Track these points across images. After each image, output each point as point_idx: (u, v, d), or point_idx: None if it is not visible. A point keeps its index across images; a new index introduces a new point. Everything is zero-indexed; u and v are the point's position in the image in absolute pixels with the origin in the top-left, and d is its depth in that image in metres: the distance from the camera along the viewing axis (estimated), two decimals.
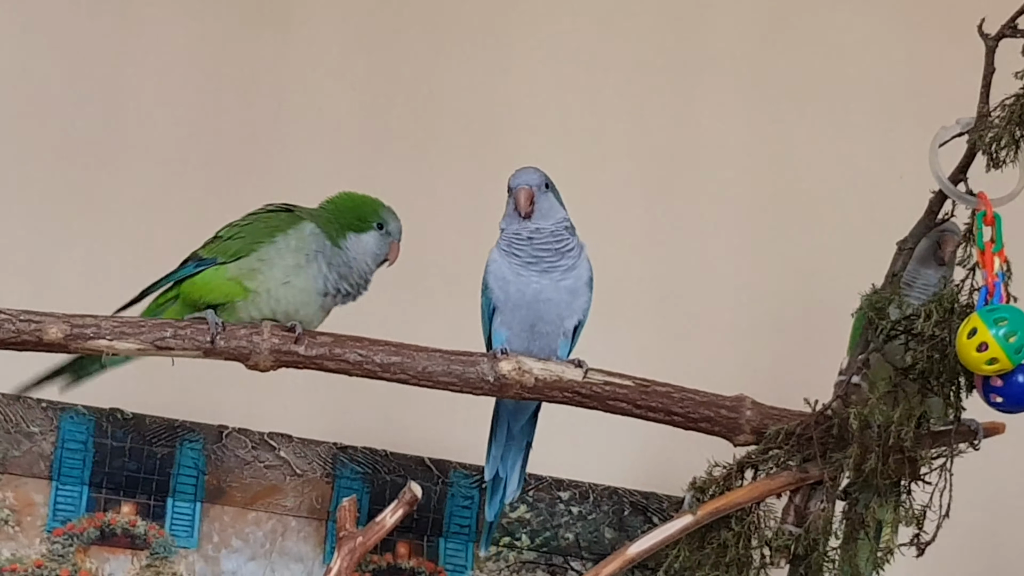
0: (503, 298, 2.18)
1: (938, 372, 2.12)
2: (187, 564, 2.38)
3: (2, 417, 2.37)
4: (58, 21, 2.77)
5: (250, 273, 2.11)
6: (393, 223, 2.21)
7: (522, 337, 2.18)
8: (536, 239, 2.17)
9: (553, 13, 2.98)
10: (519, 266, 2.17)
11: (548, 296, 2.17)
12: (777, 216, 2.87)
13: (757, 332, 2.72)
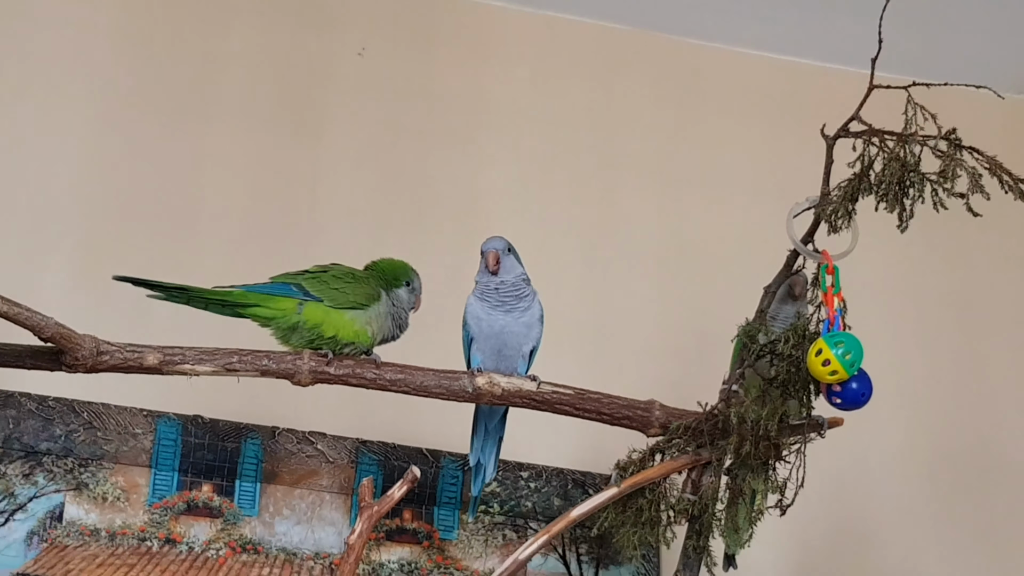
0: (478, 331, 2.20)
1: (794, 382, 2.12)
2: (250, 528, 2.43)
3: (115, 423, 2.42)
4: (152, 138, 2.77)
5: (369, 324, 2.13)
6: (417, 281, 2.23)
7: (492, 359, 2.20)
8: (501, 289, 2.21)
9: (515, 126, 3.00)
10: (489, 308, 2.20)
11: (511, 329, 2.19)
12: (679, 270, 2.89)
13: (664, 355, 2.73)
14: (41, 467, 2.37)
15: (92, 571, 2.31)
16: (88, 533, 2.35)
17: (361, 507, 1.88)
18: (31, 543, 2.31)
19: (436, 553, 2.50)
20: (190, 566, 2.37)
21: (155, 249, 2.68)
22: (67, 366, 2.02)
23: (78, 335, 2.00)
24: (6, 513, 2.31)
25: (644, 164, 3.02)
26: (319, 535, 2.46)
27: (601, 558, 2.54)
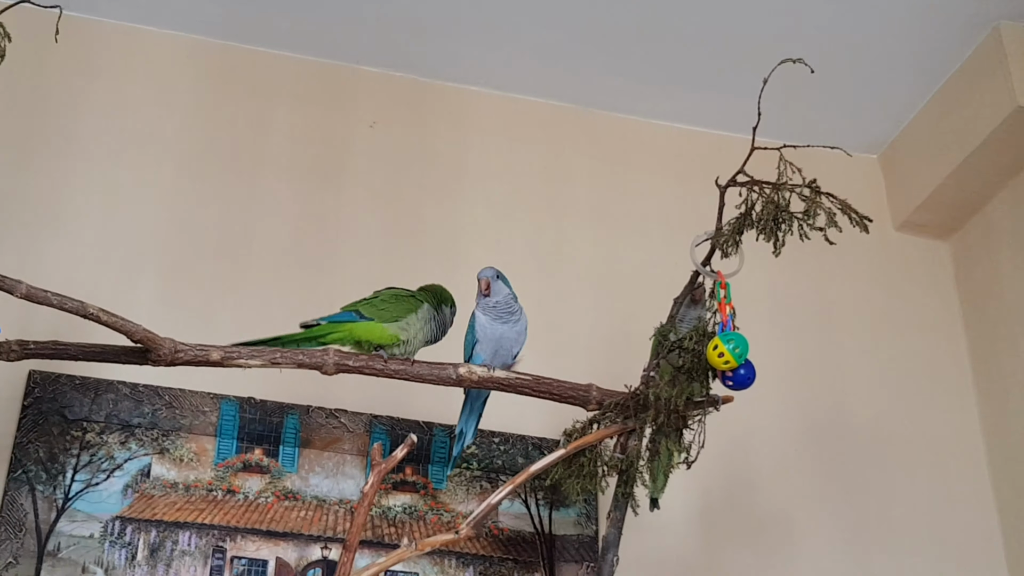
0: (483, 336, 2.22)
1: (697, 369, 2.12)
2: (291, 481, 2.44)
3: (188, 403, 2.44)
4: (216, 188, 2.78)
5: (403, 330, 2.14)
6: (455, 306, 2.26)
7: (490, 356, 2.22)
8: (498, 307, 2.24)
9: (489, 182, 2.99)
10: (492, 319, 2.22)
11: (507, 336, 2.21)
12: (611, 288, 2.89)
13: (600, 350, 2.73)
14: (134, 437, 2.38)
15: (172, 514, 2.33)
16: (169, 486, 2.36)
17: (373, 465, 1.89)
18: (126, 494, 2.33)
19: (430, 499, 2.50)
20: (245, 510, 2.38)
21: (217, 273, 2.68)
22: (152, 361, 2.04)
23: (160, 338, 2.02)
24: (107, 471, 2.33)
25: (585, 210, 3.02)
26: (342, 486, 2.46)
27: (554, 502, 2.55)
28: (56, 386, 2.38)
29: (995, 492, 2.90)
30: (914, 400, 2.98)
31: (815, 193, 2.12)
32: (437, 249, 2.85)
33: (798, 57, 2.08)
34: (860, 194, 2.30)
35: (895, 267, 3.13)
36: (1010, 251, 2.98)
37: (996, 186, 3.01)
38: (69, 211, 2.63)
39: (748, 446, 2.77)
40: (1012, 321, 2.93)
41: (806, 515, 2.75)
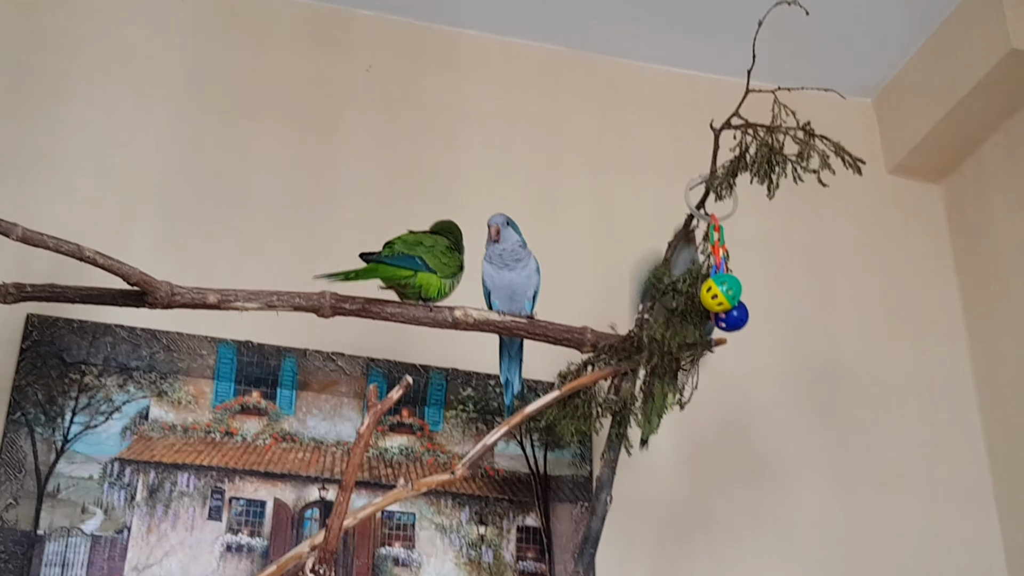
0: (492, 285, 2.22)
1: (691, 312, 2.12)
2: (288, 423, 2.43)
3: (186, 346, 2.42)
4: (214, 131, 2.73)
5: (451, 287, 2.16)
6: None
7: (507, 303, 2.22)
8: (504, 254, 2.23)
9: (485, 125, 2.95)
10: (497, 268, 2.21)
11: (516, 281, 2.21)
12: (605, 231, 2.86)
13: (594, 293, 2.68)
14: (132, 379, 2.36)
15: (171, 456, 2.32)
16: (167, 428, 2.35)
17: (368, 406, 1.87)
18: (125, 435, 2.31)
19: (427, 441, 2.49)
20: (244, 451, 2.37)
21: (214, 217, 2.64)
22: (149, 304, 2.03)
23: (157, 281, 2.01)
24: (106, 413, 2.31)
25: (580, 153, 2.98)
26: (339, 428, 2.45)
27: (549, 443, 2.54)
28: (54, 329, 2.35)
29: (984, 431, 2.90)
30: (905, 341, 2.97)
31: (809, 136, 2.10)
32: (433, 192, 2.81)
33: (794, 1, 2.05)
34: (854, 137, 2.28)
35: (888, 210, 3.11)
36: (1002, 194, 2.96)
37: (989, 129, 2.99)
38: (66, 155, 2.59)
39: (741, 388, 2.75)
40: (1003, 263, 2.92)
41: (798, 456, 2.75)
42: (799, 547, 2.65)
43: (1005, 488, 2.80)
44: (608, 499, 2.11)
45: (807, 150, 2.08)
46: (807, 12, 2.05)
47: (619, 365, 2.16)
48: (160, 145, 2.67)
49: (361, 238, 2.43)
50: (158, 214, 2.60)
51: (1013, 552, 2.74)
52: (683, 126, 2.99)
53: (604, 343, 2.19)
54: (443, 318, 2.15)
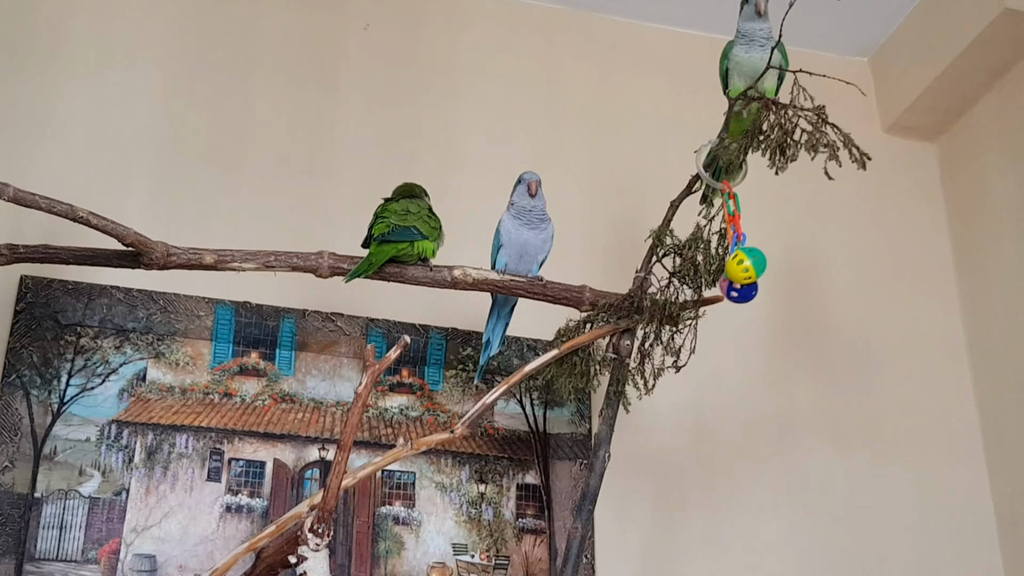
0: (507, 240, 2.18)
1: (692, 275, 2.12)
2: (288, 384, 2.37)
3: (183, 307, 2.35)
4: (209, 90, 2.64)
5: (440, 245, 2.13)
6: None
7: (515, 262, 2.18)
8: (534, 211, 2.19)
9: (483, 82, 2.87)
10: (519, 225, 2.17)
11: (532, 242, 2.18)
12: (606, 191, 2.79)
13: (593, 251, 2.66)
14: (129, 341, 2.30)
15: (168, 418, 2.27)
16: (165, 389, 2.29)
17: (366, 366, 1.82)
18: (122, 398, 2.26)
19: (427, 400, 2.45)
20: (243, 412, 2.32)
21: (209, 178, 2.57)
22: (145, 265, 1.99)
23: (152, 241, 1.97)
24: (102, 375, 2.26)
25: (579, 113, 2.92)
26: (339, 388, 2.40)
27: (548, 402, 2.50)
28: (48, 291, 2.29)
29: (975, 389, 2.88)
30: (899, 298, 2.94)
31: (822, 122, 2.07)
32: (432, 151, 2.75)
33: None
34: (850, 96, 2.22)
35: (883, 169, 3.03)
36: (996, 153, 2.93)
37: (983, 88, 2.96)
38: (59, 115, 2.52)
39: (736, 345, 2.72)
40: (996, 222, 2.89)
41: (792, 411, 2.72)
42: (795, 502, 2.63)
43: (995, 442, 2.78)
44: (606, 456, 2.10)
45: (818, 138, 2.05)
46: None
47: (618, 323, 2.14)
48: (154, 104, 2.60)
49: (359, 197, 2.40)
50: (153, 174, 2.53)
51: (1001, 504, 2.74)
52: (682, 85, 2.94)
53: (604, 302, 2.16)
54: (442, 277, 2.12)
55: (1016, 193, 2.82)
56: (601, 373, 2.15)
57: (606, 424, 2.10)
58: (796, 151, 2.06)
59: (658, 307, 2.12)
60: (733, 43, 2.15)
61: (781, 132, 2.06)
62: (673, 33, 3.07)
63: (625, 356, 2.12)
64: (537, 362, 2.09)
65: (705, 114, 2.10)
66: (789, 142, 2.06)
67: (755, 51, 2.12)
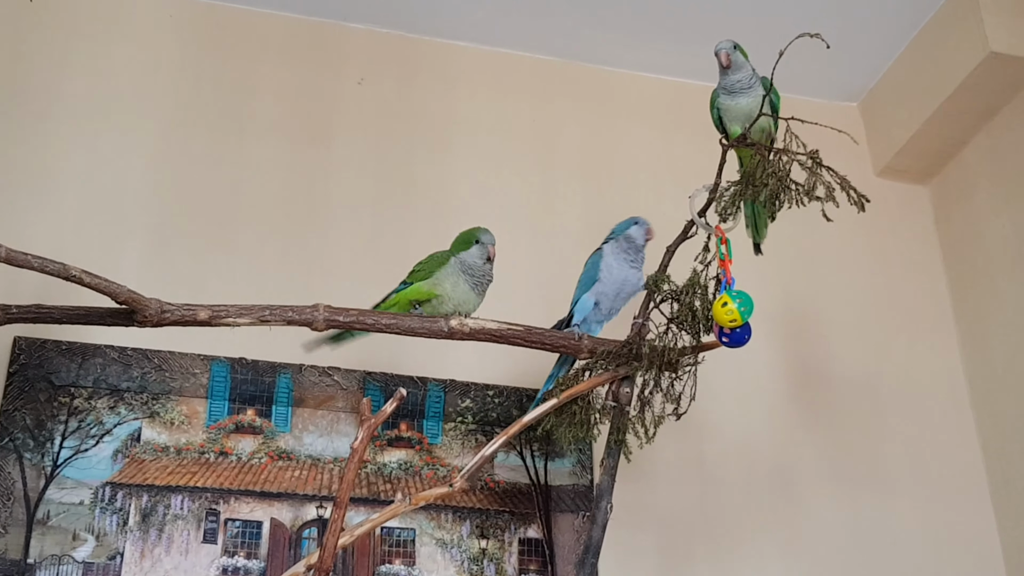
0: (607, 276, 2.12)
1: (690, 321, 2.07)
2: (284, 441, 2.32)
3: (178, 365, 2.31)
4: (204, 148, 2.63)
5: (437, 284, 2.06)
6: (486, 236, 2.10)
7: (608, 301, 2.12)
8: (641, 251, 2.16)
9: (478, 136, 2.86)
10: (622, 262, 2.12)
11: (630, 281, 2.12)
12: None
13: None
14: (123, 401, 2.26)
15: (163, 478, 2.22)
16: (160, 449, 2.24)
17: (361, 420, 1.77)
18: (116, 459, 2.20)
19: (425, 454, 2.39)
20: (239, 471, 2.27)
21: (204, 234, 2.54)
22: (138, 323, 1.94)
23: (146, 298, 1.92)
24: (96, 436, 2.21)
25: (573, 162, 2.90)
26: (336, 444, 2.34)
27: (549, 453, 2.45)
28: (42, 352, 2.25)
29: (978, 429, 2.83)
30: (898, 341, 2.91)
31: (817, 165, 2.05)
32: (428, 205, 2.73)
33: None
34: (842, 140, 2.21)
35: (877, 212, 2.94)
36: (988, 194, 2.92)
37: (972, 130, 2.96)
38: (53, 174, 2.50)
39: (738, 393, 2.68)
40: (991, 262, 2.87)
41: (795, 458, 2.67)
42: (801, 551, 2.57)
43: (1001, 485, 2.74)
44: (608, 507, 2.04)
45: (813, 182, 2.03)
46: (828, 45, 2.00)
47: (617, 371, 2.09)
48: (149, 161, 2.58)
49: (354, 251, 2.36)
50: (147, 231, 2.50)
51: (1011, 548, 2.68)
52: (674, 132, 2.94)
53: (603, 349, 2.12)
54: (439, 328, 2.05)
55: (1010, 233, 2.81)
56: (601, 422, 2.10)
57: (607, 474, 2.04)
58: (792, 197, 2.03)
59: (657, 353, 2.07)
60: (717, 93, 2.14)
61: (776, 179, 2.03)
62: (663, 81, 3.07)
63: (625, 404, 2.07)
64: (536, 412, 2.03)
65: (697, 160, 2.08)
66: (785, 188, 2.03)
67: (741, 97, 2.11)
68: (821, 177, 2.03)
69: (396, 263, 2.18)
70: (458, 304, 2.07)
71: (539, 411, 2.03)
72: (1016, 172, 2.81)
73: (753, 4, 2.10)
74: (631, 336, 2.10)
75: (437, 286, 2.07)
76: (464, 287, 2.07)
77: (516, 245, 2.68)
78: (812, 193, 2.02)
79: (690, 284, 2.08)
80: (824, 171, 2.04)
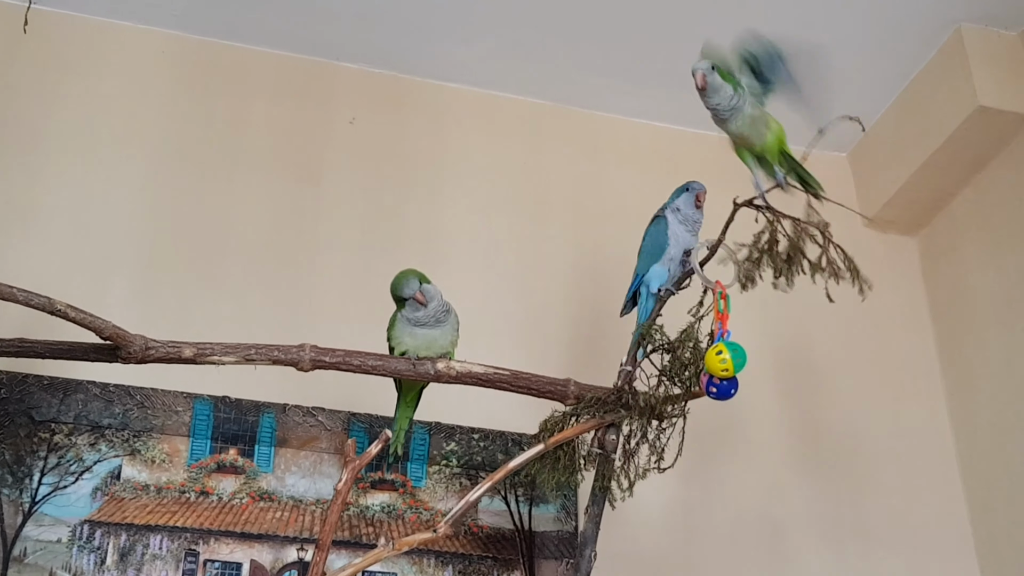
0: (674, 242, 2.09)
1: (680, 372, 2.07)
2: (267, 481, 2.31)
3: (161, 403, 2.30)
4: (192, 185, 2.64)
5: (393, 339, 2.04)
6: (407, 286, 2.02)
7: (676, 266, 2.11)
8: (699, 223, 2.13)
9: (468, 177, 2.87)
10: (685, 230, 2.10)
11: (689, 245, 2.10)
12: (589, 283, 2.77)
13: (577, 345, 2.63)
14: (104, 438, 2.24)
15: (143, 517, 2.20)
16: (140, 488, 2.23)
17: (345, 461, 1.78)
18: (95, 496, 2.19)
19: (409, 497, 2.38)
20: (219, 512, 2.25)
21: (193, 271, 2.55)
22: (122, 359, 1.94)
23: (130, 334, 1.92)
24: (76, 474, 2.19)
25: (563, 206, 2.92)
26: (319, 486, 2.33)
27: (533, 498, 2.44)
28: (23, 387, 2.24)
29: (964, 484, 2.83)
30: (884, 393, 2.91)
31: (827, 241, 2.05)
32: (417, 246, 2.74)
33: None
34: (830, 192, 2.22)
35: (864, 263, 2.98)
36: (975, 247, 2.94)
37: (960, 183, 2.99)
38: (40, 206, 2.50)
39: (724, 443, 2.68)
40: (978, 315, 2.88)
41: (782, 510, 2.66)
42: None
43: (986, 540, 2.73)
44: (592, 555, 2.03)
45: (824, 258, 2.04)
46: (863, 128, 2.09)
47: (603, 417, 2.08)
48: (137, 196, 2.59)
49: (342, 290, 2.37)
50: (134, 266, 2.51)
51: None
52: (664, 178, 2.86)
53: (589, 395, 2.10)
54: (425, 371, 2.05)
55: (997, 286, 2.83)
56: (586, 468, 2.09)
57: (592, 522, 2.03)
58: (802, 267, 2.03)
59: (644, 401, 2.06)
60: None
61: (796, 251, 2.04)
62: (654, 127, 3.09)
63: (611, 451, 2.06)
64: (521, 457, 2.02)
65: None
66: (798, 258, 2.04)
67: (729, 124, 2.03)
68: (828, 252, 2.04)
69: (384, 303, 2.16)
70: (426, 348, 2.04)
71: (525, 456, 2.02)
72: (1004, 225, 2.84)
73: None
74: (619, 383, 2.09)
75: (400, 344, 2.06)
76: (419, 332, 2.05)
77: (505, 287, 2.70)
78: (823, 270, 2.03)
79: (685, 338, 2.08)
80: (832, 248, 2.05)
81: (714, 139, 2.14)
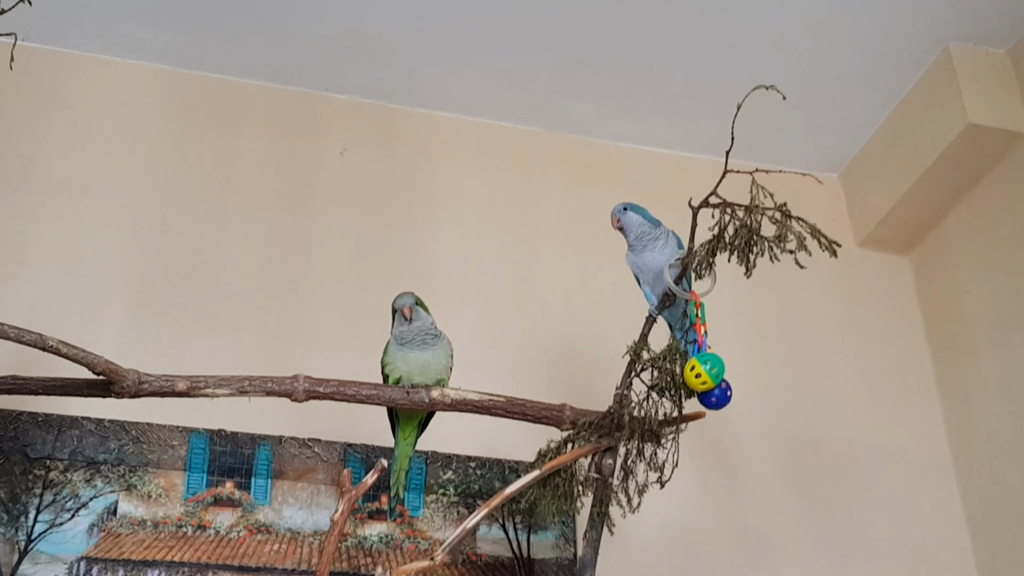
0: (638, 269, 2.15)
1: (670, 388, 2.07)
2: (264, 514, 2.30)
3: (156, 437, 2.31)
4: (183, 218, 2.65)
5: (388, 364, 2.07)
6: (396, 303, 2.09)
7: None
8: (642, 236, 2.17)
9: (459, 205, 2.90)
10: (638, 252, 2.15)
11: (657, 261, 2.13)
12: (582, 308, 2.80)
13: (572, 369, 2.63)
14: (99, 474, 2.24)
15: (140, 553, 2.19)
16: (137, 523, 2.22)
17: (342, 492, 1.79)
18: (92, 533, 2.18)
19: (406, 527, 2.38)
20: (217, 545, 2.24)
21: (185, 304, 2.56)
22: (116, 394, 1.94)
23: (124, 369, 1.92)
24: (72, 510, 2.19)
25: (555, 232, 2.94)
26: (317, 517, 2.33)
27: (532, 525, 2.44)
28: (17, 424, 2.24)
29: (962, 499, 2.84)
30: (881, 412, 2.92)
31: (785, 217, 2.06)
32: (409, 275, 2.74)
33: (770, 84, 2.02)
34: (823, 212, 2.26)
35: (858, 283, 3.09)
36: (969, 265, 2.96)
37: (952, 201, 3.01)
38: (31, 241, 2.51)
39: (722, 464, 2.68)
40: (973, 332, 2.90)
41: (781, 530, 2.67)
42: None
43: (985, 555, 2.73)
44: None
45: (784, 231, 2.04)
46: (784, 96, 2.02)
47: (599, 442, 2.09)
48: (129, 230, 2.60)
49: (335, 321, 2.38)
50: (126, 301, 2.51)
51: None
52: (656, 203, 2.88)
53: (584, 420, 2.12)
54: (420, 399, 2.07)
55: (991, 303, 2.84)
56: (584, 494, 2.10)
57: (590, 547, 2.03)
58: (762, 247, 2.03)
59: (638, 423, 2.07)
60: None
61: (746, 231, 2.05)
62: (645, 152, 3.11)
63: (608, 475, 2.07)
64: (519, 484, 2.02)
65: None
66: (755, 239, 2.04)
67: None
68: (791, 228, 2.03)
69: (377, 333, 2.19)
70: (419, 372, 2.06)
71: (522, 482, 2.02)
72: (996, 242, 2.86)
73: (734, 77, 2.16)
74: (613, 406, 2.10)
75: (394, 370, 2.07)
76: (412, 355, 2.06)
77: (498, 315, 2.71)
78: (783, 245, 2.02)
79: (668, 349, 2.09)
80: (794, 222, 2.04)
81: (705, 164, 2.17)
